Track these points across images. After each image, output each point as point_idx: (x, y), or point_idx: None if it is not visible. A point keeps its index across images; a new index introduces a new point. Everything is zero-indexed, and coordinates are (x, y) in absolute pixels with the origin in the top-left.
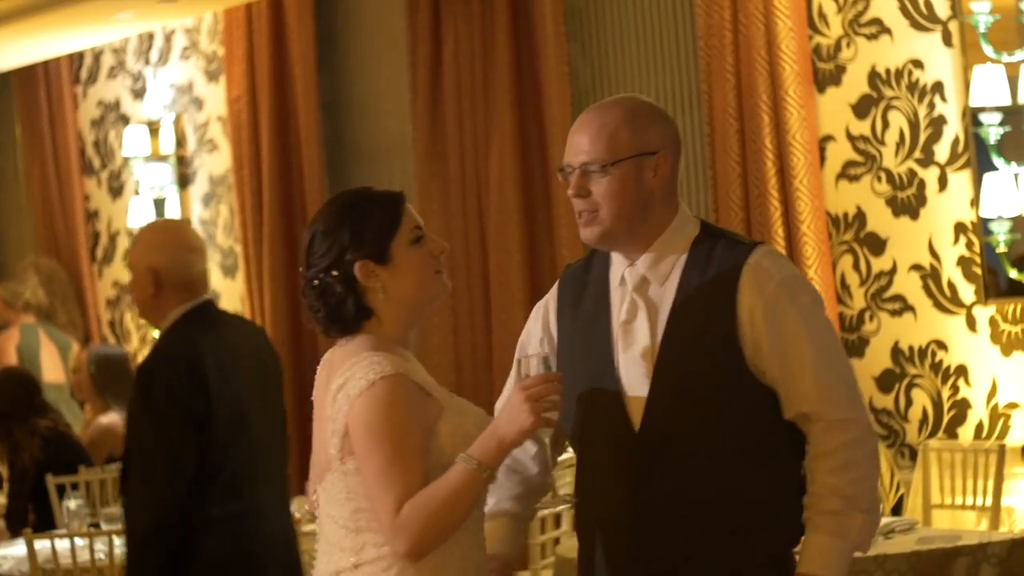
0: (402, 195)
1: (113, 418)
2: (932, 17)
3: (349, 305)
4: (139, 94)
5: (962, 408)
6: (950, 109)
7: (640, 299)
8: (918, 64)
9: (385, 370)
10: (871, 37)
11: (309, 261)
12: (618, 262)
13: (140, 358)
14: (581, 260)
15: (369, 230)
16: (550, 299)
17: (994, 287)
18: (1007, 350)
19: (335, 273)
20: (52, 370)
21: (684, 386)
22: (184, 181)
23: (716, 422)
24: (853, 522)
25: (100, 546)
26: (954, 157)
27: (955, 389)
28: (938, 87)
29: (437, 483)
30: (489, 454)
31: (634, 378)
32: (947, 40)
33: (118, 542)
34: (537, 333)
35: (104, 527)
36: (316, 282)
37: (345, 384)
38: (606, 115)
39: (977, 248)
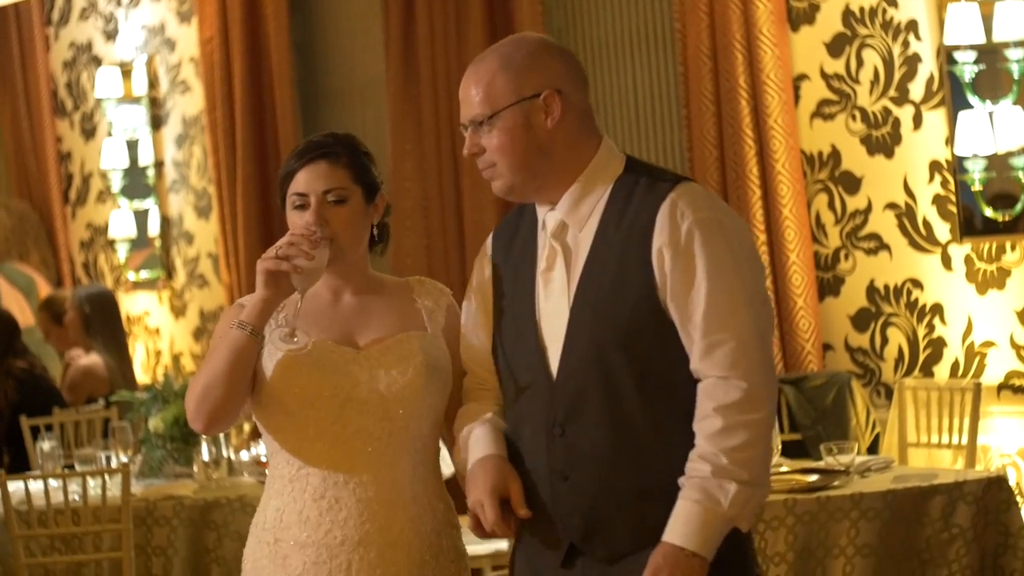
0: None
1: (94, 359)
2: None
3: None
4: (111, 35)
5: (938, 346)
6: (924, 47)
7: (558, 245)
8: (892, 2)
9: (445, 290)
10: None
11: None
12: (542, 207)
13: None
14: (517, 205)
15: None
16: (487, 243)
17: (969, 226)
18: (982, 288)
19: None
20: (16, 313)
21: (599, 335)
22: (157, 123)
23: (632, 372)
24: (724, 491)
25: (74, 487)
26: (929, 95)
27: (931, 328)
28: (912, 25)
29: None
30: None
31: (554, 327)
32: None
33: (92, 483)
34: (474, 279)
35: (78, 468)
36: None
37: (431, 296)
38: (481, 66)
39: (952, 187)
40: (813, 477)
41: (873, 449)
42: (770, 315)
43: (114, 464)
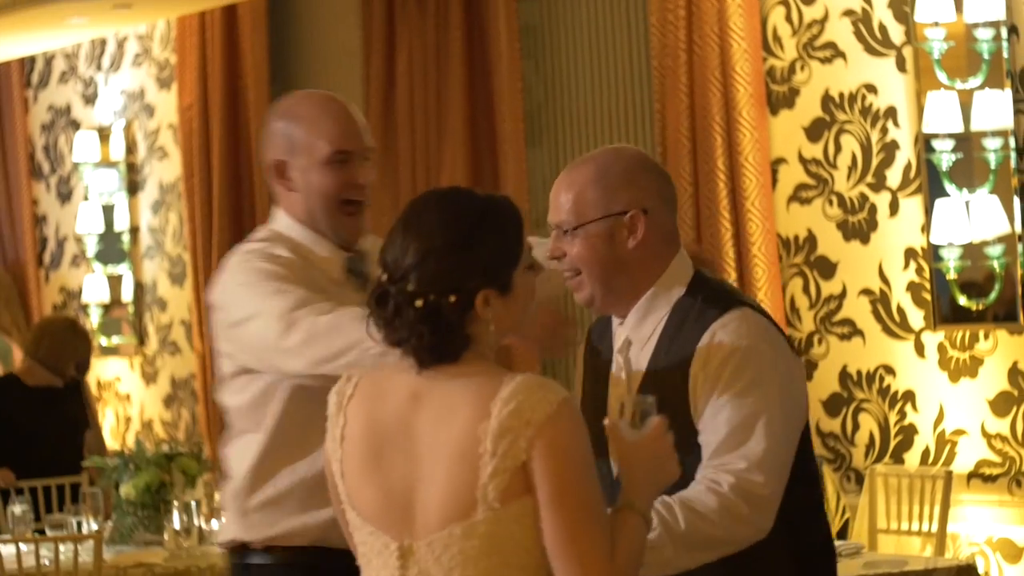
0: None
1: None
2: (886, 42)
3: (459, 333)
4: (90, 99)
5: (909, 433)
6: (903, 134)
7: (621, 360)
8: (871, 89)
9: (560, 390)
10: (825, 61)
11: (408, 276)
12: (616, 319)
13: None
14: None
15: (501, 255)
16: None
17: (943, 313)
18: (955, 376)
19: (452, 299)
20: None
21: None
22: (133, 188)
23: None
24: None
25: (45, 552)
26: (906, 182)
27: (902, 414)
28: (891, 112)
29: (629, 532)
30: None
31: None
32: (901, 66)
33: (63, 549)
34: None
35: (49, 533)
36: (420, 303)
37: (516, 411)
38: (576, 173)
39: (927, 274)
40: None
41: (843, 535)
42: (788, 451)
43: (85, 530)
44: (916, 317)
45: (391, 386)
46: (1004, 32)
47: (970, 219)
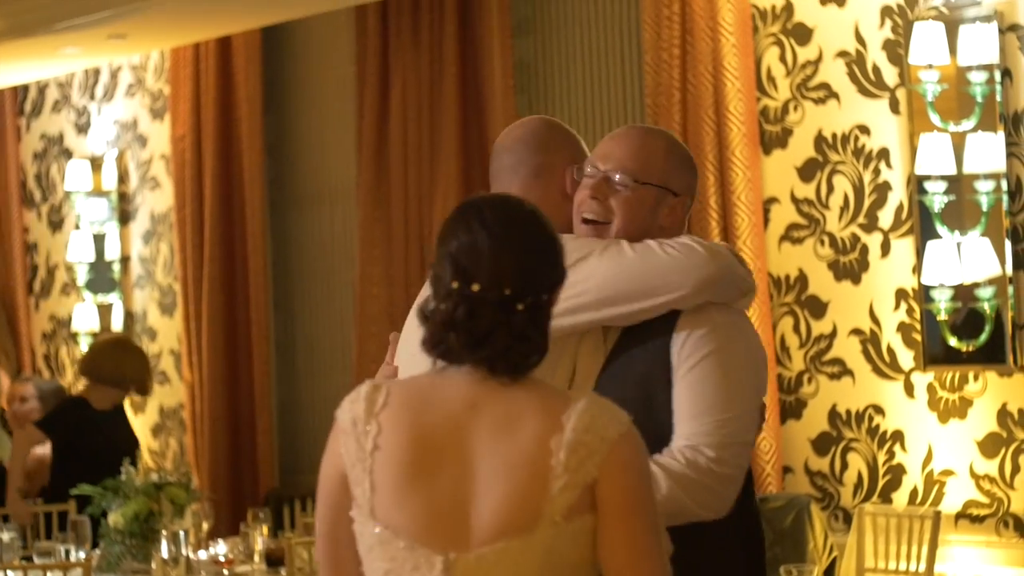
0: None
1: (51, 449)
2: (880, 84)
3: (548, 338)
4: (83, 129)
5: (897, 473)
6: (895, 176)
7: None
8: (864, 130)
9: (625, 414)
10: (819, 101)
11: (504, 281)
12: None
13: (75, 391)
14: None
15: (563, 254)
16: None
17: (933, 354)
18: (944, 417)
19: (546, 297)
20: None
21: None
22: (125, 217)
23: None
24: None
25: None
26: (898, 224)
27: (891, 454)
28: (884, 154)
29: None
30: None
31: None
32: (894, 107)
33: None
34: None
35: (37, 561)
36: (522, 306)
37: (590, 427)
38: (650, 137)
39: (917, 315)
40: None
41: (830, 574)
42: (748, 406)
43: (73, 558)
44: (906, 357)
45: (440, 395)
46: (997, 75)
47: (961, 261)
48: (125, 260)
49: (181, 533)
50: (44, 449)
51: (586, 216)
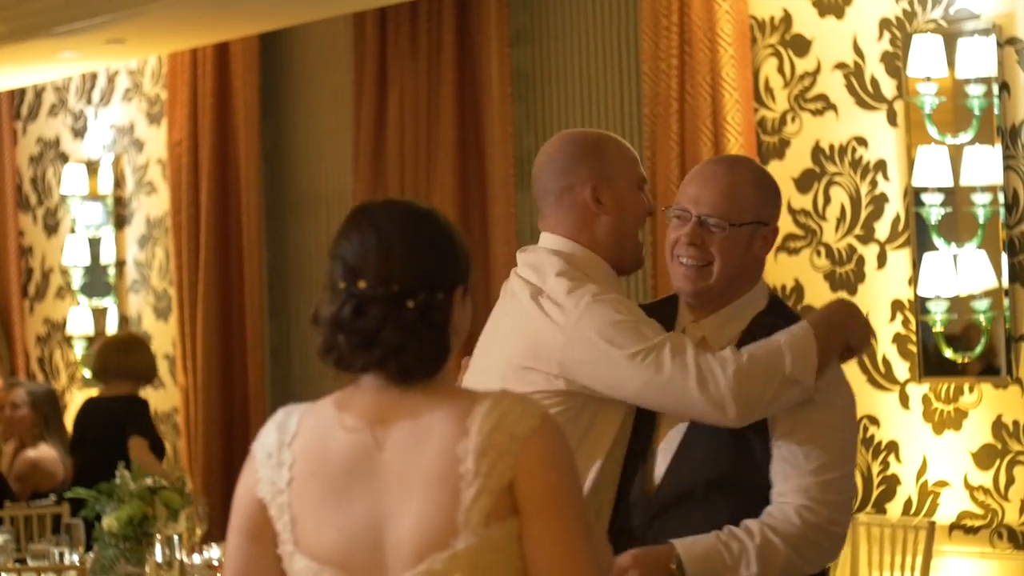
0: None
1: (43, 452)
2: (878, 96)
3: (447, 336)
4: (79, 133)
5: (892, 484)
6: (892, 188)
7: None
8: (862, 142)
9: (539, 404)
10: (816, 113)
11: (393, 277)
12: (684, 313)
13: (68, 396)
14: (657, 300)
15: (467, 250)
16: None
17: (929, 366)
18: (939, 429)
19: (440, 296)
20: None
21: (699, 466)
22: (120, 222)
23: (722, 504)
24: (748, 567)
25: None
26: (894, 235)
27: (885, 464)
28: (881, 165)
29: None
30: None
31: (667, 444)
32: (892, 119)
33: None
34: None
35: (31, 564)
36: (412, 304)
37: (497, 426)
38: (737, 173)
39: (913, 326)
40: None
41: None
42: (853, 483)
43: (67, 561)
44: (901, 369)
45: (348, 416)
46: (995, 88)
47: (957, 273)
48: (120, 264)
49: (175, 537)
50: (36, 452)
51: (684, 261)
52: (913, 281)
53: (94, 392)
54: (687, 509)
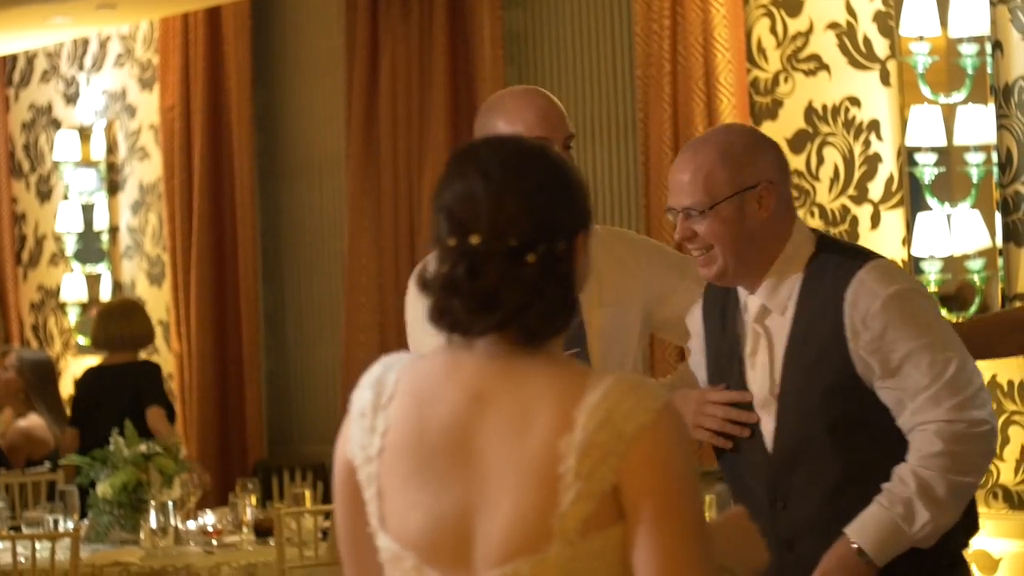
0: None
1: (33, 421)
2: (871, 56)
3: (573, 291)
4: (71, 99)
5: None
6: (885, 148)
7: (761, 329)
8: (855, 102)
9: (659, 391)
10: (809, 73)
11: (510, 229)
12: (740, 288)
13: (63, 363)
14: None
15: (584, 188)
16: (696, 310)
17: None
18: None
19: (562, 245)
20: None
21: (805, 421)
22: (114, 188)
23: (839, 451)
24: (920, 515)
25: (22, 550)
26: (888, 195)
27: None
28: (874, 125)
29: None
30: None
31: (764, 408)
32: (885, 79)
33: (40, 546)
34: (694, 333)
35: (26, 531)
36: (532, 257)
37: (605, 422)
38: (700, 155)
39: None
40: None
41: None
42: (976, 369)
43: (61, 528)
44: None
45: (449, 382)
46: (988, 47)
47: (951, 233)
48: (114, 230)
49: (170, 503)
50: (27, 422)
51: (694, 253)
52: (907, 241)
53: (91, 360)
54: (809, 462)
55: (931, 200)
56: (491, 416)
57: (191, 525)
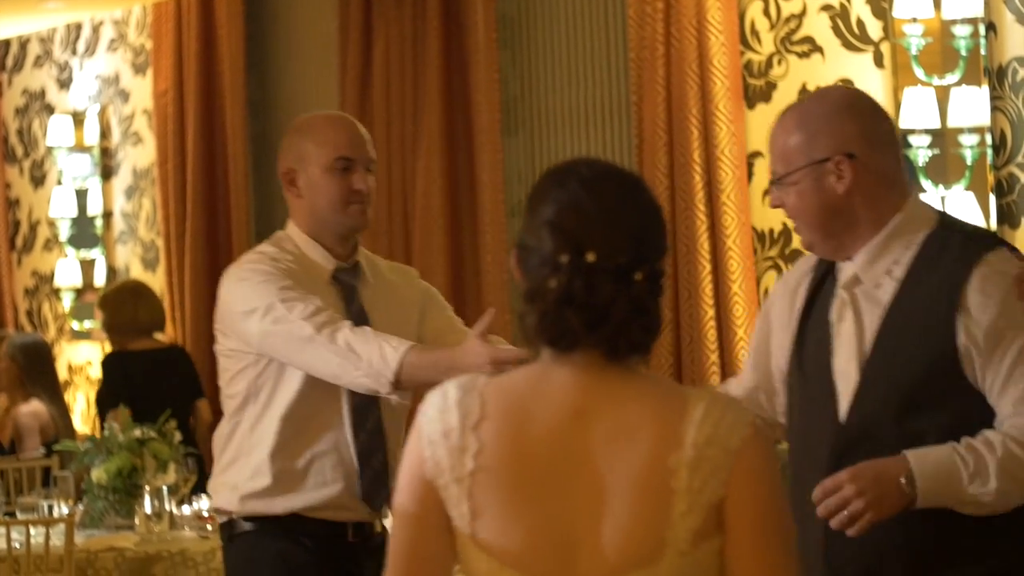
0: None
1: (35, 407)
2: (864, 38)
3: (661, 310)
4: (65, 84)
5: None
6: None
7: (848, 297)
8: (848, 84)
9: (748, 408)
10: (802, 55)
11: (622, 248)
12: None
13: (57, 348)
14: None
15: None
16: (792, 275)
17: None
18: None
19: (660, 266)
20: None
21: (891, 392)
22: (107, 173)
23: (917, 429)
24: (987, 482)
25: (16, 535)
26: None
27: None
28: None
29: None
30: None
31: (844, 377)
32: (878, 61)
33: (34, 532)
34: (776, 306)
35: (20, 516)
36: (640, 275)
37: (712, 439)
38: (784, 121)
39: None
40: None
41: None
42: None
43: (56, 514)
44: None
45: (544, 400)
46: (982, 29)
47: None
48: (107, 215)
49: (164, 488)
50: (30, 407)
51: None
52: None
53: (87, 346)
54: (877, 434)
55: (925, 182)
56: (595, 431)
57: (186, 510)
